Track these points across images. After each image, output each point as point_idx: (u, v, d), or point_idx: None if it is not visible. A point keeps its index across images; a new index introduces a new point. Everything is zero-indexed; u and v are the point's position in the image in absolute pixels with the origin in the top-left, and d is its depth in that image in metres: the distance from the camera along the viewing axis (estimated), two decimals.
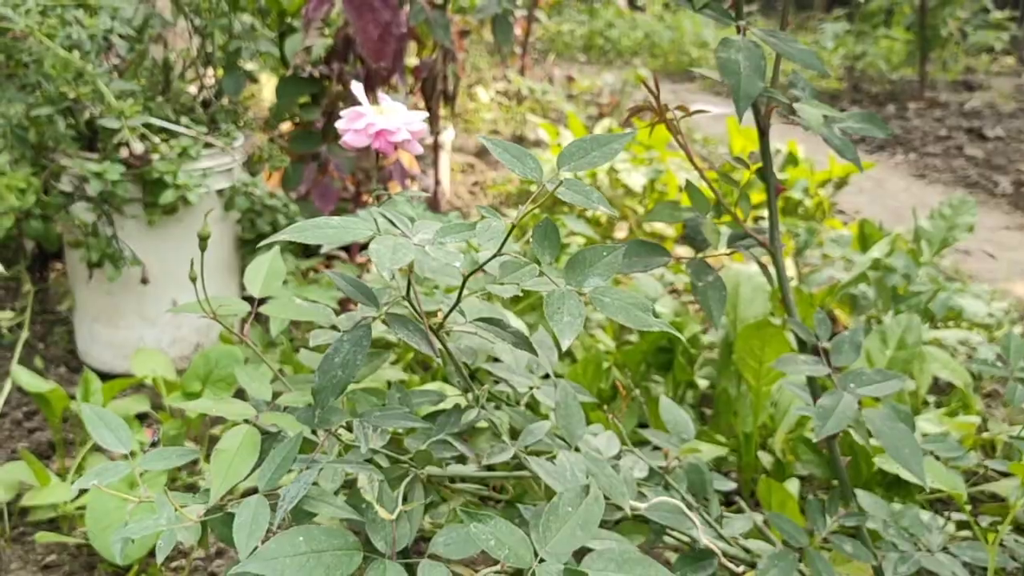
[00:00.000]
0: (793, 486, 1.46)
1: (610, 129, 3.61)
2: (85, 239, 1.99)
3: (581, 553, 0.81)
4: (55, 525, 1.55)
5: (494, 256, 0.74)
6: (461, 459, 1.18)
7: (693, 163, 0.95)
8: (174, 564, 1.49)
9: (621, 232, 2.70)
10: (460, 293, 0.78)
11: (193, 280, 0.83)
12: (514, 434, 0.95)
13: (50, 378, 2.07)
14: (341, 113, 0.89)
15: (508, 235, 0.71)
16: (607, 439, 1.04)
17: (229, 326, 1.97)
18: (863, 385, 0.96)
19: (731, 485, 1.19)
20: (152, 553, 1.49)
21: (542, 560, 0.70)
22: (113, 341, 2.13)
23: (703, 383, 1.75)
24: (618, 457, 1.03)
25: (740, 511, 1.33)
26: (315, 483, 0.78)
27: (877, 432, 0.91)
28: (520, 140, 4.45)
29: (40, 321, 2.34)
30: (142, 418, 1.84)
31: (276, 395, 0.91)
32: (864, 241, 2.42)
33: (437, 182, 2.80)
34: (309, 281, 2.23)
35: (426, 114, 0.90)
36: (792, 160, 3.53)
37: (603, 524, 0.99)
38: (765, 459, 1.63)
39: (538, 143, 4.23)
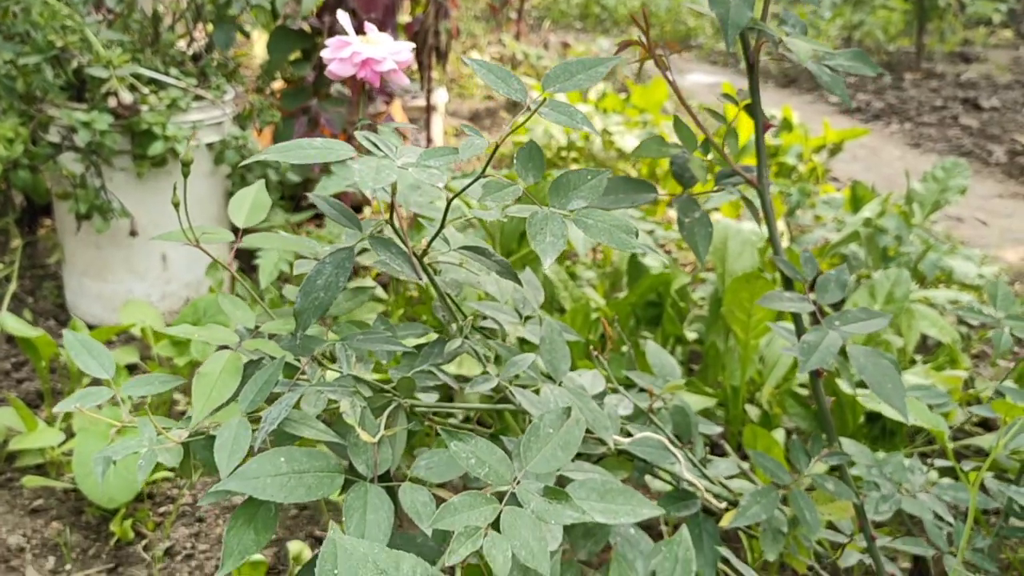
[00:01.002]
0: (779, 436, 1.47)
1: (604, 93, 3.59)
2: (73, 190, 1.97)
3: (562, 485, 0.81)
4: (43, 471, 1.56)
5: (478, 178, 0.74)
6: (445, 398, 1.18)
7: (681, 100, 0.94)
8: (161, 509, 1.50)
9: None
10: (444, 217, 0.78)
11: (176, 206, 0.83)
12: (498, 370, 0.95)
13: None
14: (327, 42, 0.88)
15: (492, 156, 0.71)
16: (592, 378, 1.04)
17: (218, 281, 1.95)
18: (848, 323, 0.96)
19: (717, 429, 1.19)
20: (139, 498, 1.49)
21: (521, 480, 0.70)
22: (102, 294, 2.12)
23: (692, 336, 1.75)
24: (603, 396, 1.04)
25: (726, 456, 1.33)
26: (297, 408, 0.78)
27: (860, 368, 0.91)
28: (515, 104, 4.43)
29: (29, 276, 2.33)
30: (131, 369, 1.84)
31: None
32: (856, 203, 2.42)
33: (429, 140, 2.79)
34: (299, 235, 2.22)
35: (412, 45, 0.89)
36: (787, 125, 3.51)
37: (586, 459, 0.99)
38: (752, 412, 1.63)
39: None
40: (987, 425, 1.81)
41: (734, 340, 1.68)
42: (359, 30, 2.18)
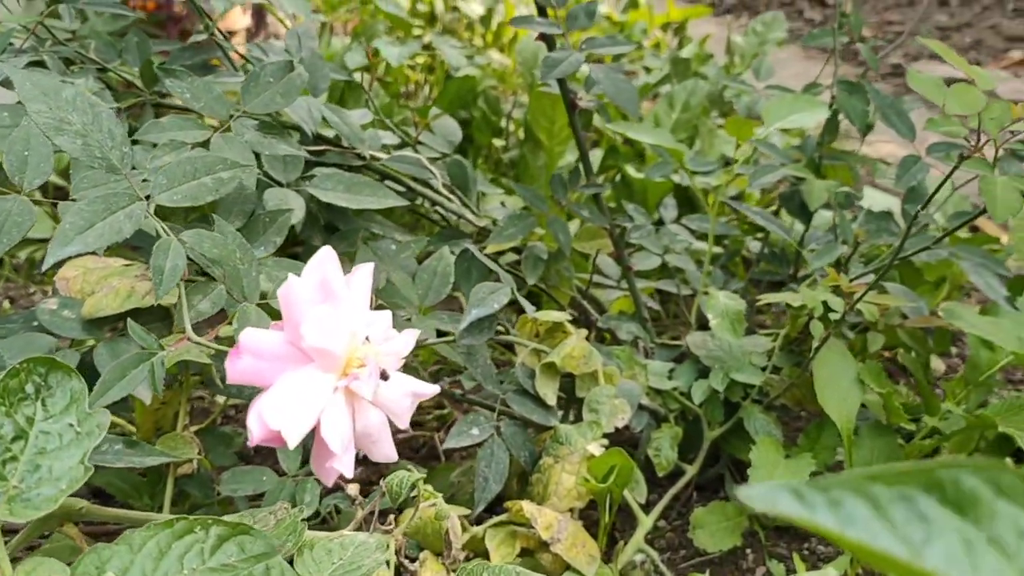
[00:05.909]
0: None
1: None
2: None
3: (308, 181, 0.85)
4: None
5: None
6: None
7: None
8: None
9: None
10: None
11: None
12: None
13: None
14: None
15: None
16: (361, 115, 1.07)
17: None
18: (595, 47, 1.02)
19: (498, 190, 1.25)
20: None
21: (240, 116, 0.73)
22: None
23: (503, 148, 1.80)
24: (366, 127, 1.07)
25: None
26: None
27: (598, 81, 0.98)
28: None
29: None
30: None
31: None
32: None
33: None
34: None
35: None
36: (633, 3, 3.60)
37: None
38: None
39: None
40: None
41: (544, 155, 1.74)
42: None
